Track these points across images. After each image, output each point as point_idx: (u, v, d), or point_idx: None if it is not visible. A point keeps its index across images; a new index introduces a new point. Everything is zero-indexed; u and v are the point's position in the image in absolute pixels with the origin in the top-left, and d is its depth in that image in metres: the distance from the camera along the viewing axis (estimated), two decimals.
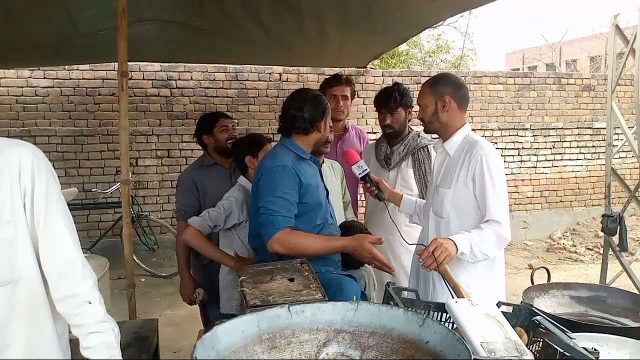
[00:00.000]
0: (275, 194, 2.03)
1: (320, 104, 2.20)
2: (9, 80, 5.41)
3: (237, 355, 1.01)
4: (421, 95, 2.25)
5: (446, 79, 2.24)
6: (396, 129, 2.92)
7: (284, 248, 2.00)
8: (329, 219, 2.24)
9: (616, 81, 4.29)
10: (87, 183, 5.64)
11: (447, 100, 2.16)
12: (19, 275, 1.25)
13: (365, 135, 3.48)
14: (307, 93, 2.26)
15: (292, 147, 2.17)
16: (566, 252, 6.60)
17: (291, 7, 3.36)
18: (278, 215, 2.00)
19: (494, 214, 2.03)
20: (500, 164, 2.13)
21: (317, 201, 2.17)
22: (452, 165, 2.19)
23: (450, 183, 2.17)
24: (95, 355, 1.28)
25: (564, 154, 7.32)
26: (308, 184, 2.12)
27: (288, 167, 2.07)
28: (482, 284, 2.11)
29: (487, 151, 2.09)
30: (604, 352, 1.36)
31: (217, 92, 5.96)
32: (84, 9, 3.18)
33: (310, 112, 2.15)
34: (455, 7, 3.67)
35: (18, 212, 1.24)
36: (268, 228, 2.00)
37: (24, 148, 1.27)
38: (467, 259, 2.00)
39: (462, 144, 2.18)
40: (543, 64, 19.18)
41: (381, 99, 2.94)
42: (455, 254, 1.92)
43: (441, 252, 1.87)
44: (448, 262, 1.89)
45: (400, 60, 12.33)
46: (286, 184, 2.05)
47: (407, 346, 1.05)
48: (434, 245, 1.89)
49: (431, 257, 1.87)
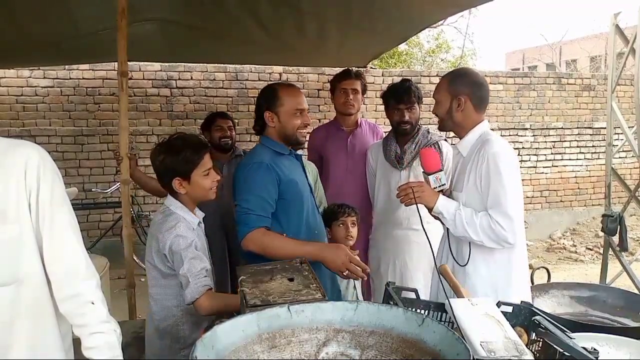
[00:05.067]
0: (250, 192, 2.01)
1: (261, 97, 2.17)
2: (9, 80, 5.41)
3: (237, 355, 1.01)
4: (438, 89, 2.11)
5: (466, 77, 2.08)
6: (413, 124, 2.83)
7: (258, 248, 1.97)
8: (312, 214, 2.20)
9: (616, 81, 4.28)
10: (87, 183, 5.64)
11: (462, 100, 2.02)
12: (23, 275, 1.25)
13: (380, 130, 3.35)
14: (261, 90, 2.25)
15: (268, 144, 2.16)
16: (566, 252, 6.60)
17: (291, 7, 3.36)
18: (252, 214, 1.98)
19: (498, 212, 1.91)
20: (512, 162, 1.99)
21: (299, 196, 2.13)
22: (465, 167, 2.07)
23: (462, 186, 2.05)
24: (97, 355, 1.28)
25: (564, 154, 7.32)
26: (288, 179, 2.09)
27: (264, 164, 2.05)
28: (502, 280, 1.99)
29: (495, 149, 1.94)
30: (604, 352, 1.36)
31: (217, 92, 5.96)
32: (84, 9, 3.18)
33: (258, 107, 2.17)
34: (455, 7, 3.66)
35: (23, 212, 1.24)
36: (242, 226, 1.99)
37: (29, 148, 1.27)
38: (446, 223, 2.02)
39: (476, 144, 2.04)
40: (543, 64, 19.18)
41: (399, 94, 2.82)
42: (430, 205, 1.99)
43: (417, 192, 1.96)
44: (419, 203, 1.96)
45: (400, 60, 12.32)
46: (262, 181, 2.03)
47: (406, 345, 1.05)
48: (416, 184, 2.00)
49: (408, 192, 1.97)
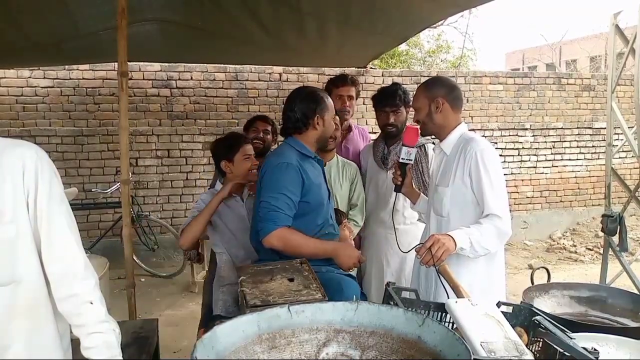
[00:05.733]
0: (278, 190, 2.03)
1: (312, 100, 2.17)
2: (9, 80, 5.41)
3: (237, 355, 1.01)
4: (415, 98, 2.29)
5: (439, 82, 2.29)
6: (399, 127, 2.90)
7: (283, 245, 2.00)
8: (329, 219, 2.24)
9: (616, 81, 4.28)
10: (87, 183, 5.64)
11: (440, 101, 2.20)
12: (20, 275, 1.25)
13: (367, 133, 3.49)
14: (300, 91, 2.25)
15: (296, 146, 2.17)
16: (566, 252, 6.60)
17: (291, 7, 3.36)
18: (281, 212, 2.01)
19: (493, 208, 2.04)
20: (496, 159, 2.15)
21: (319, 201, 2.17)
22: (450, 163, 2.22)
23: (449, 181, 2.19)
24: (96, 355, 1.28)
25: (564, 154, 7.32)
26: (311, 183, 2.12)
27: (293, 165, 2.08)
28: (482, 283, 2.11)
29: (482, 147, 2.12)
30: (604, 352, 1.36)
31: (217, 92, 5.96)
32: (84, 9, 3.18)
33: (300, 110, 2.16)
34: (455, 7, 3.67)
35: (21, 212, 1.24)
36: (268, 223, 2.00)
37: (27, 148, 1.28)
38: (467, 254, 2.01)
39: (458, 143, 2.22)
40: (543, 64, 19.17)
41: (384, 97, 2.91)
42: (453, 249, 1.93)
43: (438, 248, 1.88)
44: (446, 257, 1.90)
45: (400, 60, 12.32)
46: (290, 182, 2.06)
47: (406, 346, 1.05)
48: (431, 242, 1.90)
49: (429, 253, 1.88)
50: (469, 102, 6.74)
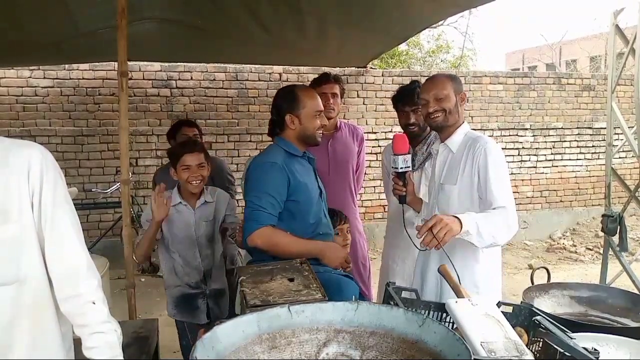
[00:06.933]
0: (262, 190, 2.04)
1: (283, 100, 2.17)
2: (9, 80, 5.41)
3: (237, 355, 1.01)
4: (442, 85, 2.19)
5: (458, 79, 2.29)
6: (420, 126, 2.80)
7: (265, 244, 2.01)
8: (323, 217, 2.23)
9: (616, 81, 4.28)
10: (87, 183, 5.64)
11: (464, 95, 2.22)
12: (24, 274, 1.25)
13: (360, 131, 3.35)
14: (278, 91, 2.25)
15: (283, 145, 2.17)
16: (566, 252, 6.60)
17: (291, 7, 3.36)
18: (263, 212, 2.01)
19: (501, 201, 1.99)
20: (503, 157, 2.16)
21: (309, 199, 2.15)
22: (456, 161, 2.18)
23: (456, 179, 2.16)
24: (97, 355, 1.28)
25: (564, 154, 7.32)
26: (299, 182, 2.11)
27: (277, 165, 2.08)
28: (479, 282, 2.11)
29: (490, 144, 2.13)
30: (604, 352, 1.35)
31: (217, 92, 5.96)
32: (84, 9, 3.18)
33: (276, 110, 2.17)
34: (455, 7, 3.67)
35: (25, 212, 1.24)
36: (252, 223, 2.01)
37: (33, 149, 1.28)
38: (473, 240, 1.88)
39: (464, 141, 2.20)
40: (543, 64, 19.17)
41: (403, 97, 2.83)
42: (458, 232, 1.79)
43: (441, 229, 1.74)
44: (449, 239, 1.78)
45: (400, 60, 12.31)
46: (274, 181, 2.06)
47: (407, 346, 1.05)
48: (434, 221, 1.76)
49: (430, 234, 1.76)
50: (469, 102, 6.72)
